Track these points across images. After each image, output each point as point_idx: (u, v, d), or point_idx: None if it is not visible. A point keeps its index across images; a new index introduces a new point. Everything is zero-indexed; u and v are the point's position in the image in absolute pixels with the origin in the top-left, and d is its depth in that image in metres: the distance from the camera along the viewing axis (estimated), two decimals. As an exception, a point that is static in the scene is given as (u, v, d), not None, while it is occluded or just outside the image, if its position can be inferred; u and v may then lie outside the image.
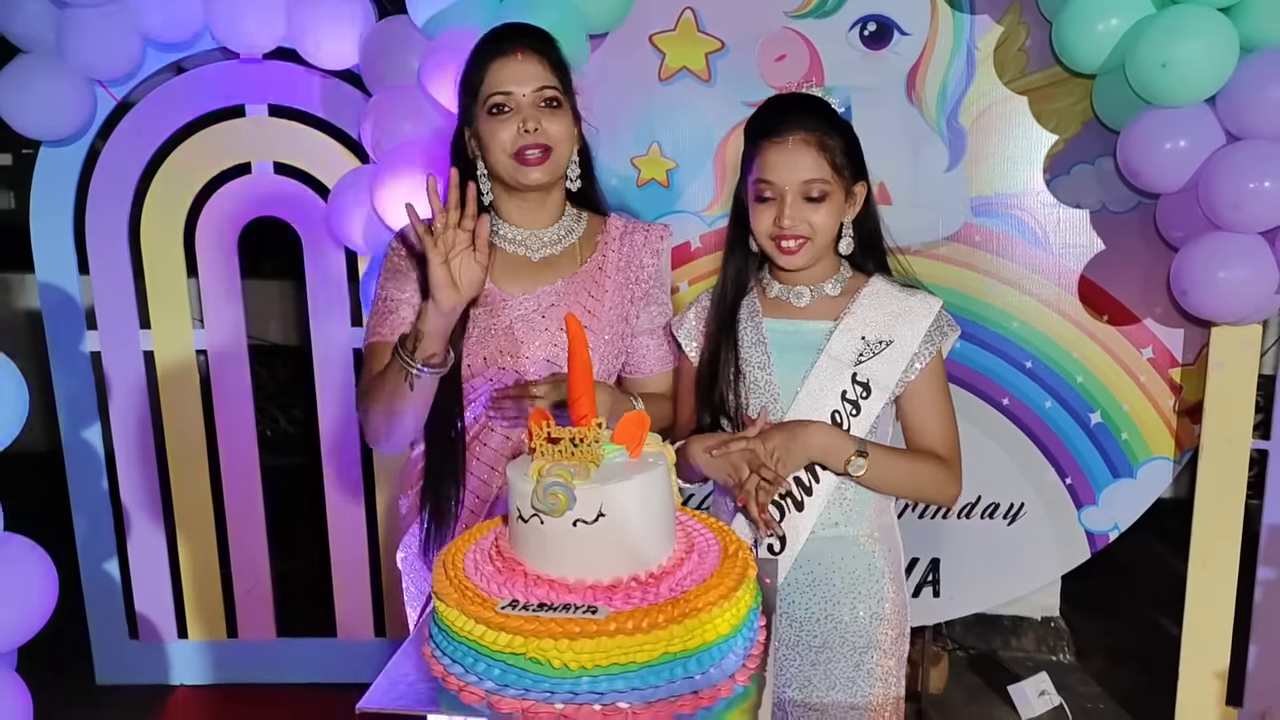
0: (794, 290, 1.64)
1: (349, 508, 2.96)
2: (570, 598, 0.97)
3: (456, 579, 1.03)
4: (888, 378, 1.59)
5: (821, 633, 1.62)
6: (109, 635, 3.00)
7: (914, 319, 1.60)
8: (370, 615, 2.99)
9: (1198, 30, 2.15)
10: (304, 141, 2.80)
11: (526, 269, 1.64)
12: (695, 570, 1.03)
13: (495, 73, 1.56)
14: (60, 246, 2.81)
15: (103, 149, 2.81)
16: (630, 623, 0.93)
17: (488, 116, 1.57)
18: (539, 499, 0.98)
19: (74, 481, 2.93)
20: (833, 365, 1.59)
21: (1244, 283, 2.24)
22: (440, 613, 1.01)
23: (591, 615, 0.94)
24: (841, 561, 1.63)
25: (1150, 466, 2.66)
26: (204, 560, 3.00)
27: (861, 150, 1.63)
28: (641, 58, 2.65)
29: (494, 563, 1.06)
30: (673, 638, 0.93)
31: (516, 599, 0.98)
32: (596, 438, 1.02)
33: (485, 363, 1.61)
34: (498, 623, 0.95)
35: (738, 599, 0.99)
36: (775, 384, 1.62)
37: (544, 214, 1.66)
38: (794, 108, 1.59)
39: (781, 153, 1.54)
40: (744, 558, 1.06)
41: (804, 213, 1.54)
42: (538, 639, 0.93)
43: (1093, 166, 2.57)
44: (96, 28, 2.52)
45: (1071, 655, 3.17)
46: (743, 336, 1.65)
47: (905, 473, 1.60)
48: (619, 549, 1.01)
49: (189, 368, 2.90)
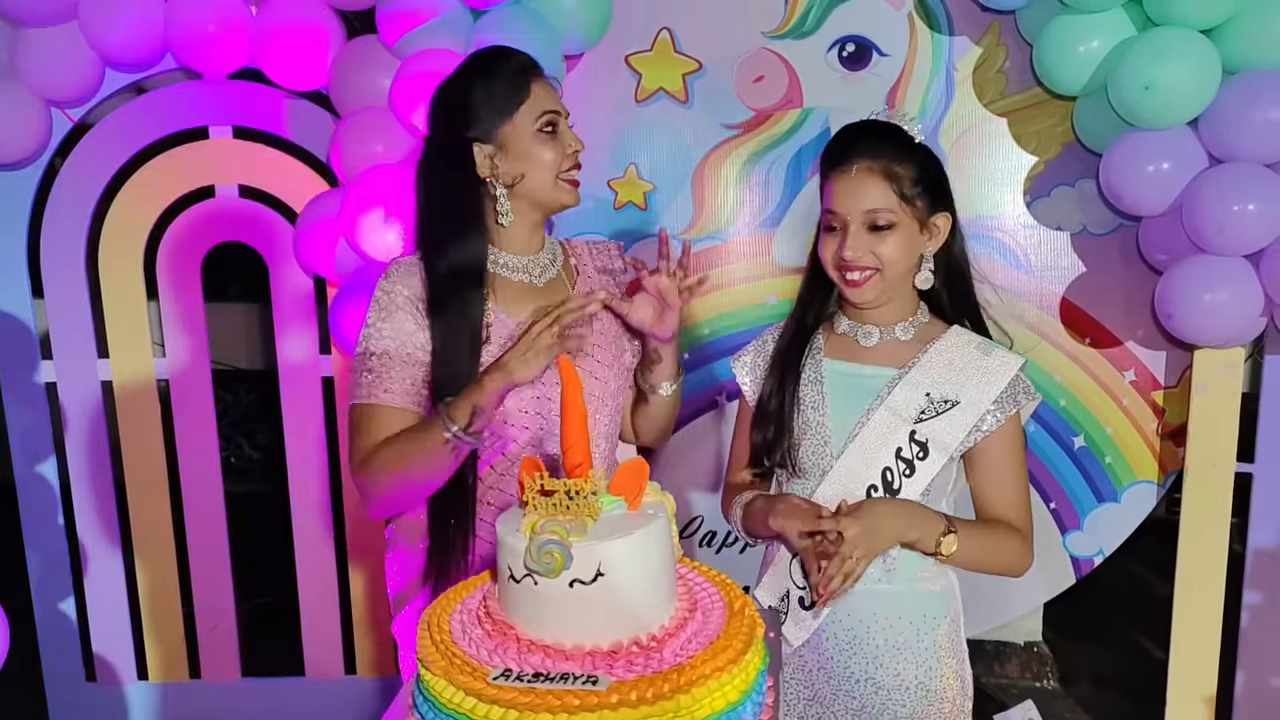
0: (863, 329, 1.55)
1: (318, 539, 2.85)
2: (568, 666, 0.91)
3: (443, 644, 0.95)
4: (949, 440, 1.49)
5: (860, 695, 1.52)
6: (65, 678, 2.87)
7: (986, 380, 1.49)
8: (340, 653, 2.89)
9: (1180, 52, 2.15)
10: (270, 164, 2.71)
11: (530, 293, 1.57)
12: (700, 631, 0.97)
13: (541, 92, 1.52)
14: (13, 271, 2.70)
15: (59, 171, 2.70)
16: (634, 694, 0.86)
17: (538, 135, 1.51)
18: (533, 558, 0.91)
19: (27, 518, 2.80)
20: (892, 419, 1.50)
21: (1229, 305, 2.23)
22: (426, 681, 0.94)
23: (592, 686, 0.87)
24: (885, 622, 1.52)
25: (1134, 490, 2.65)
26: (165, 598, 2.87)
27: (944, 179, 1.54)
28: (618, 79, 2.61)
29: (483, 626, 0.99)
30: (679, 709, 0.87)
31: (510, 668, 0.91)
32: (594, 489, 0.96)
33: None
34: (490, 695, 0.87)
35: (746, 662, 0.93)
36: (828, 427, 1.54)
37: (538, 240, 1.61)
38: (862, 135, 1.51)
39: (845, 182, 1.47)
40: (750, 615, 1.00)
41: (869, 243, 1.46)
42: (534, 713, 0.85)
43: (1073, 188, 2.56)
44: (53, 49, 2.44)
45: (1056, 681, 3.14)
46: (802, 375, 1.57)
47: (988, 548, 1.50)
48: (619, 611, 0.94)
49: (149, 397, 2.79)
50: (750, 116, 2.63)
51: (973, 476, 1.55)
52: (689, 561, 1.13)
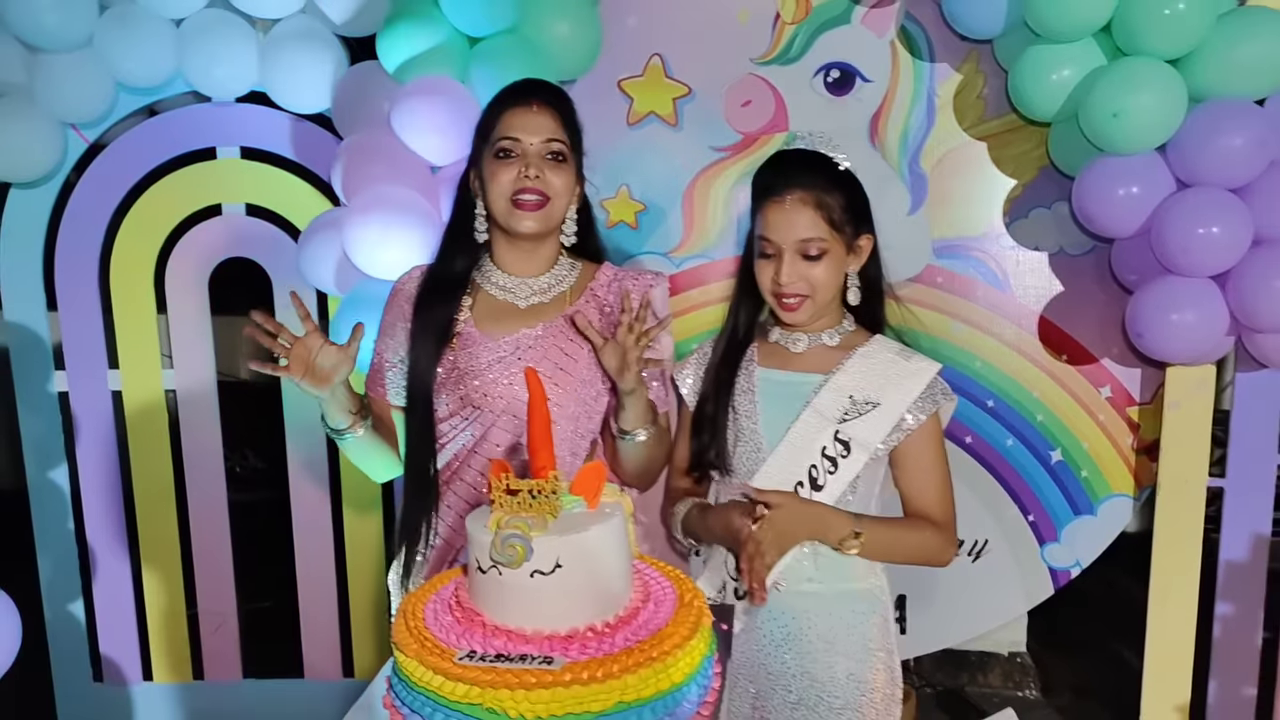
0: (792, 337, 1.67)
1: (317, 546, 2.95)
2: (527, 648, 1.00)
3: (416, 630, 1.04)
4: (870, 439, 1.60)
5: (797, 689, 1.62)
6: (73, 678, 2.97)
7: (905, 384, 1.62)
8: (338, 656, 2.98)
9: (1147, 81, 2.22)
10: (275, 183, 2.82)
11: (510, 313, 1.67)
12: (651, 619, 1.06)
13: (508, 119, 1.62)
14: (29, 285, 2.81)
15: (74, 189, 2.82)
16: (585, 673, 0.95)
17: (494, 159, 1.62)
18: (497, 551, 1.00)
19: (39, 522, 2.91)
20: (817, 420, 1.62)
21: (1195, 325, 2.30)
22: (400, 663, 1.03)
23: (547, 666, 0.96)
24: (817, 618, 1.63)
25: (1110, 503, 2.71)
26: (170, 601, 2.98)
27: (866, 202, 1.65)
28: (610, 103, 2.70)
29: (453, 613, 1.08)
30: (627, 687, 0.96)
31: (474, 650, 1.00)
32: (554, 489, 1.05)
33: (462, 402, 1.63)
34: (455, 674, 0.96)
35: (692, 647, 1.02)
36: (760, 433, 1.65)
37: (535, 262, 1.69)
38: (793, 166, 1.61)
39: (780, 211, 1.58)
40: (699, 606, 1.08)
41: (802, 270, 1.58)
42: (494, 690, 0.94)
43: (1050, 211, 2.64)
44: (69, 72, 2.55)
45: (1038, 691, 3.21)
46: (736, 384, 1.68)
47: (899, 543, 1.62)
48: (576, 599, 1.03)
49: (157, 407, 2.90)
50: (738, 139, 2.72)
51: (898, 474, 1.67)
52: (647, 558, 1.21)
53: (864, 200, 1.65)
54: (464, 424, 1.66)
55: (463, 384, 1.63)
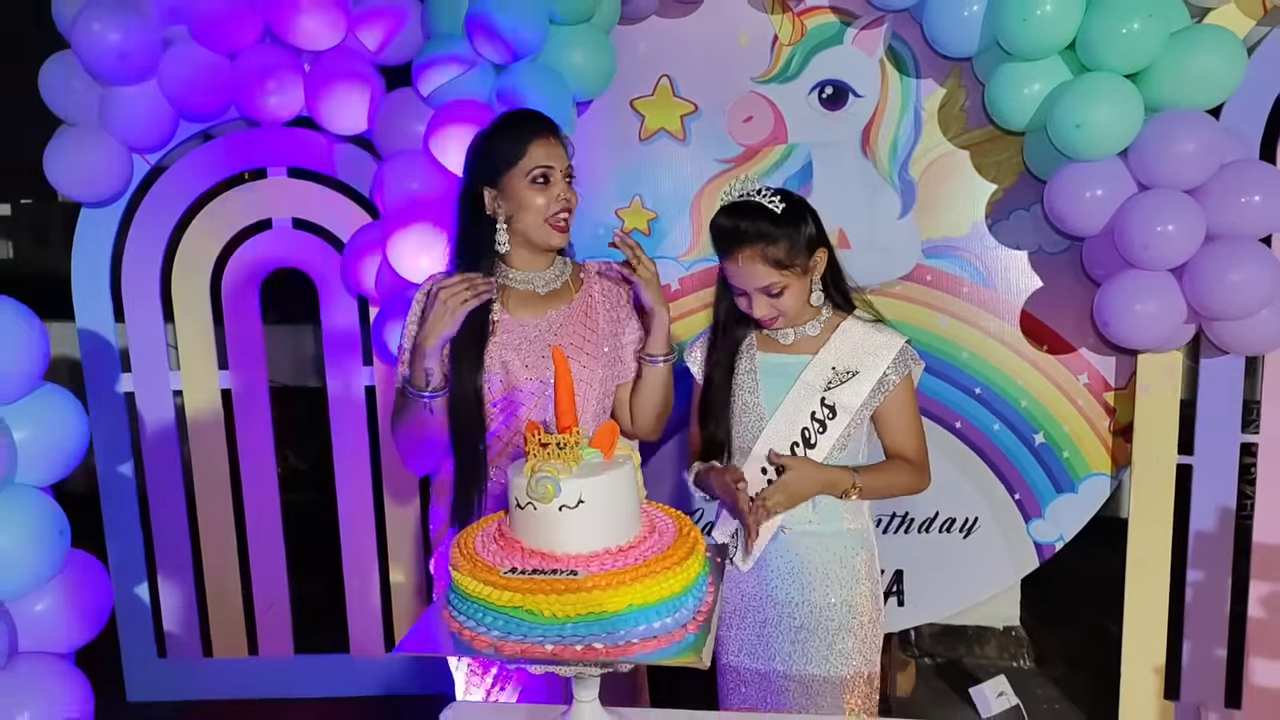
0: (780, 332, 1.93)
1: (361, 536, 3.21)
2: (557, 565, 1.24)
3: (468, 553, 1.30)
4: (851, 402, 1.88)
5: (800, 615, 1.91)
6: (139, 655, 3.24)
7: (878, 354, 1.89)
8: (381, 633, 3.24)
9: (1106, 95, 2.44)
10: (321, 200, 3.08)
11: (535, 300, 1.91)
12: (655, 545, 1.30)
13: (536, 151, 1.84)
14: (98, 296, 3.09)
15: (138, 208, 3.09)
16: (603, 582, 1.20)
17: (530, 185, 1.84)
18: (532, 489, 1.25)
19: (108, 512, 3.18)
20: (806, 390, 1.90)
21: (1156, 315, 2.52)
22: (456, 580, 1.28)
23: (573, 576, 1.21)
24: (816, 554, 1.91)
25: (1090, 482, 2.94)
26: (227, 584, 3.25)
27: (816, 225, 1.87)
28: (623, 120, 2.95)
29: (498, 542, 1.33)
30: (635, 594, 1.21)
31: (516, 566, 1.25)
32: (576, 442, 1.30)
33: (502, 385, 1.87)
34: (501, 584, 1.22)
35: (688, 566, 1.27)
36: (762, 405, 1.93)
37: (544, 261, 1.94)
38: (737, 225, 1.82)
39: (735, 267, 1.83)
40: (694, 536, 1.33)
41: (769, 303, 1.84)
42: (532, 595, 1.20)
43: (1028, 213, 2.87)
44: (135, 103, 2.80)
45: (1031, 661, 3.41)
46: (739, 366, 1.95)
47: (888, 482, 1.92)
48: (595, 528, 1.28)
49: (215, 407, 3.17)
50: (741, 152, 2.96)
51: (880, 428, 1.95)
52: (653, 503, 1.46)
53: (809, 223, 1.85)
54: (506, 404, 1.89)
55: (508, 368, 1.87)
